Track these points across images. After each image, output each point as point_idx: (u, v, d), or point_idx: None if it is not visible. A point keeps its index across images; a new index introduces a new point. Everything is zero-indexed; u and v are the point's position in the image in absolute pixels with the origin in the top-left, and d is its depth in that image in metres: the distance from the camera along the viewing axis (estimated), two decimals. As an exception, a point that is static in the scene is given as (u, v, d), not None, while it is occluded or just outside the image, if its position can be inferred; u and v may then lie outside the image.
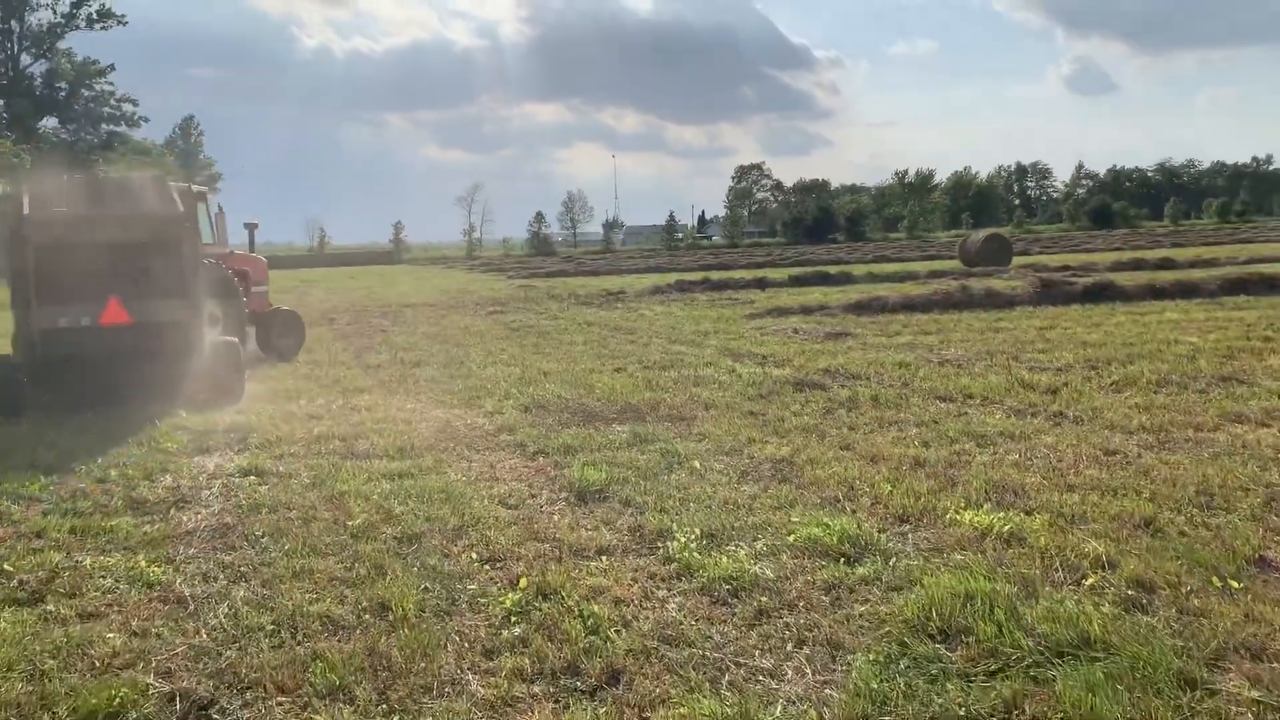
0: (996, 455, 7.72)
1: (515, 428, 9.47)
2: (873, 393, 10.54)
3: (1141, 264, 33.71)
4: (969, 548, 5.43)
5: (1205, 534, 5.48)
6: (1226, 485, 6.39)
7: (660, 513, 6.35)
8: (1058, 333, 15.80)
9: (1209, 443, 7.78)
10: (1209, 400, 9.53)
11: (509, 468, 7.95)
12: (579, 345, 16.70)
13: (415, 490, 7.14)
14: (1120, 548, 5.27)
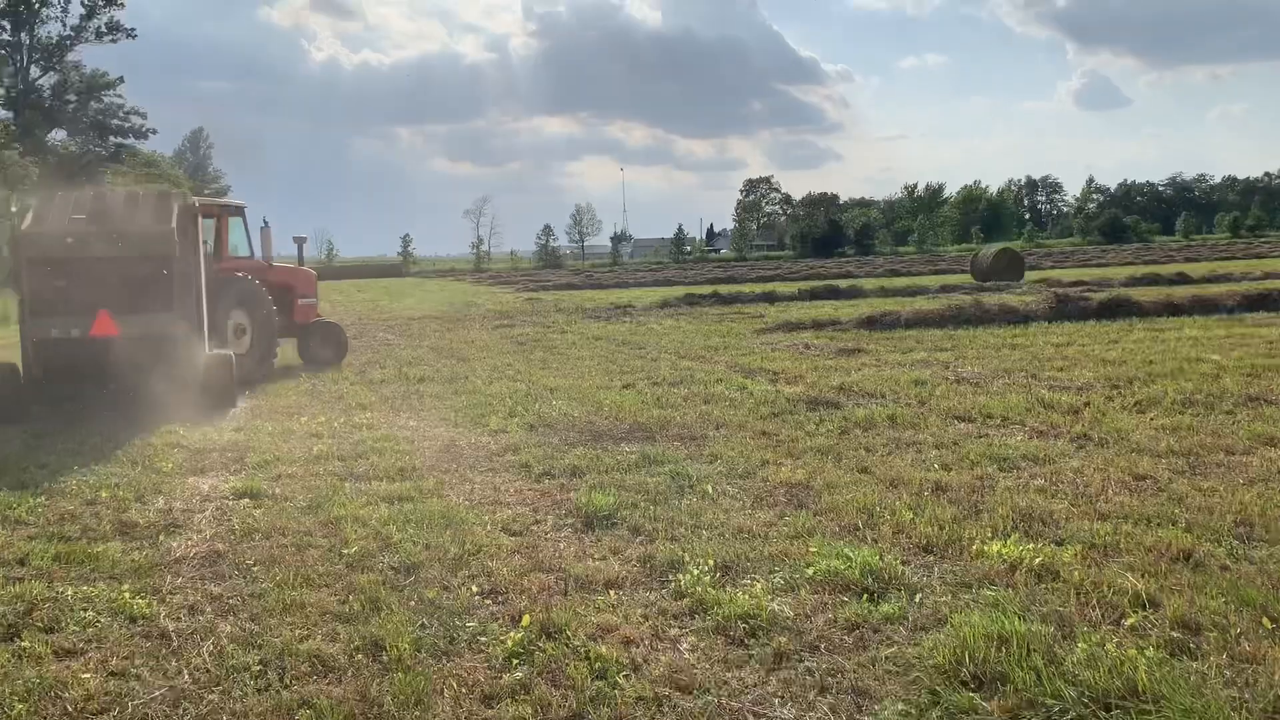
0: (1021, 480, 7.41)
1: (520, 447, 9.18)
2: (889, 412, 10.23)
3: (1156, 279, 33.32)
4: (999, 582, 5.12)
5: (1248, 568, 5.16)
6: (1266, 515, 6.06)
7: (671, 541, 6.05)
8: (1075, 349, 15.46)
9: (1242, 467, 7.45)
10: (1237, 422, 9.20)
11: (513, 490, 7.66)
12: (586, 360, 16.43)
13: (415, 515, 6.85)
14: (1159, 583, 4.95)
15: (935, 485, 7.27)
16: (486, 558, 5.89)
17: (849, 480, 7.53)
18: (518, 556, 5.94)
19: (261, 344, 15.44)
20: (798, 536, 6.10)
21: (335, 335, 17.60)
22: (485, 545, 6.13)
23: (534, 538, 6.37)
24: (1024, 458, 8.12)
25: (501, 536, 6.36)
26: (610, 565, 5.69)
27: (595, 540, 6.24)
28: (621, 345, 18.86)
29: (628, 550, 5.96)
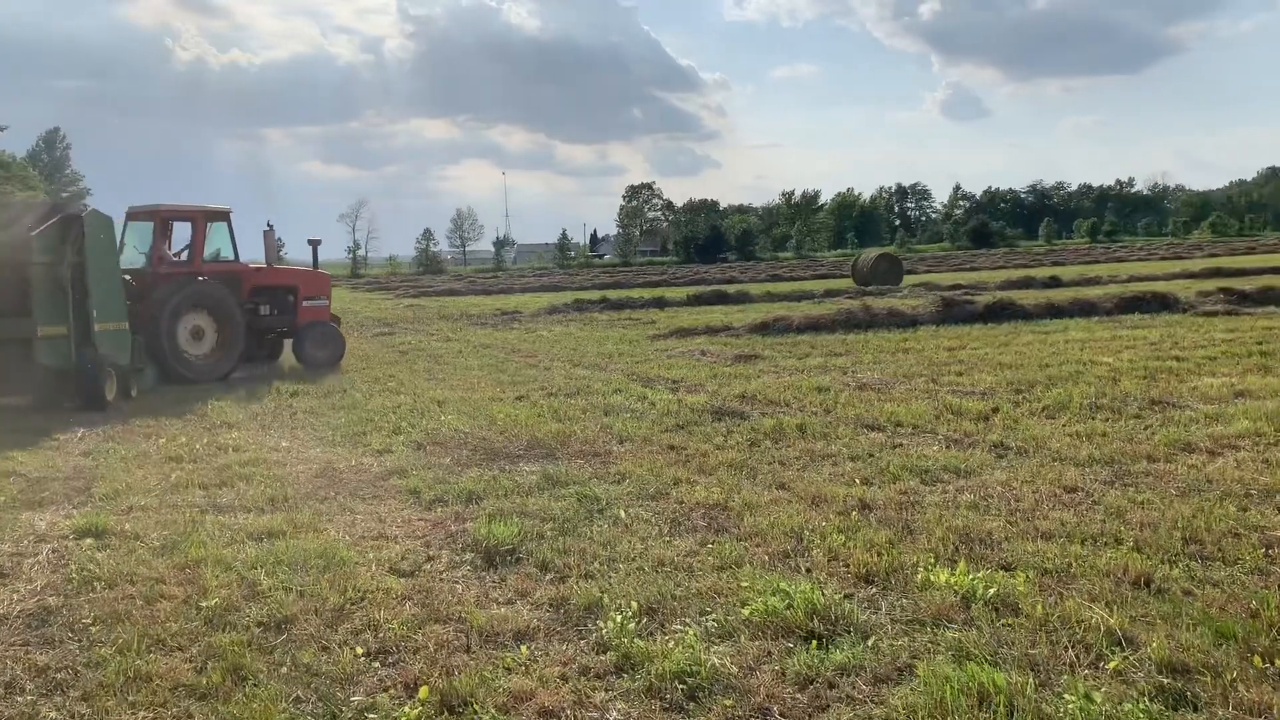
0: (948, 495, 6.99)
1: (407, 470, 8.35)
2: (797, 422, 9.77)
3: (1030, 282, 34.19)
4: (955, 619, 4.60)
5: (1214, 593, 4.79)
6: (1212, 530, 5.75)
7: (586, 579, 5.36)
8: (968, 353, 15.40)
9: (1168, 476, 7.20)
10: (1148, 427, 9.04)
11: (401, 522, 6.85)
12: (475, 370, 15.59)
13: (287, 555, 5.98)
14: (1128, 615, 4.52)
15: (860, 502, 6.79)
16: (373, 606, 5.10)
17: (769, 499, 6.99)
18: (409, 604, 5.16)
19: (226, 346, 15.75)
20: (725, 568, 5.49)
21: (331, 337, 17.49)
22: (371, 590, 5.33)
23: (427, 579, 5.60)
24: (945, 469, 7.73)
25: (389, 579, 5.56)
26: (518, 612, 4.97)
27: (498, 580, 5.51)
28: (511, 353, 18.07)
29: (537, 591, 5.25)
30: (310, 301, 17.61)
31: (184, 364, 15.30)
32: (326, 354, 17.21)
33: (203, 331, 15.64)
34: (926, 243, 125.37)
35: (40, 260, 12.61)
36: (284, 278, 17.71)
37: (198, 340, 15.60)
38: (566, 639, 4.64)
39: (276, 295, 17.38)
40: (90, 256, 13.14)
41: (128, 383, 13.68)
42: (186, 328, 15.47)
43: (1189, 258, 53.37)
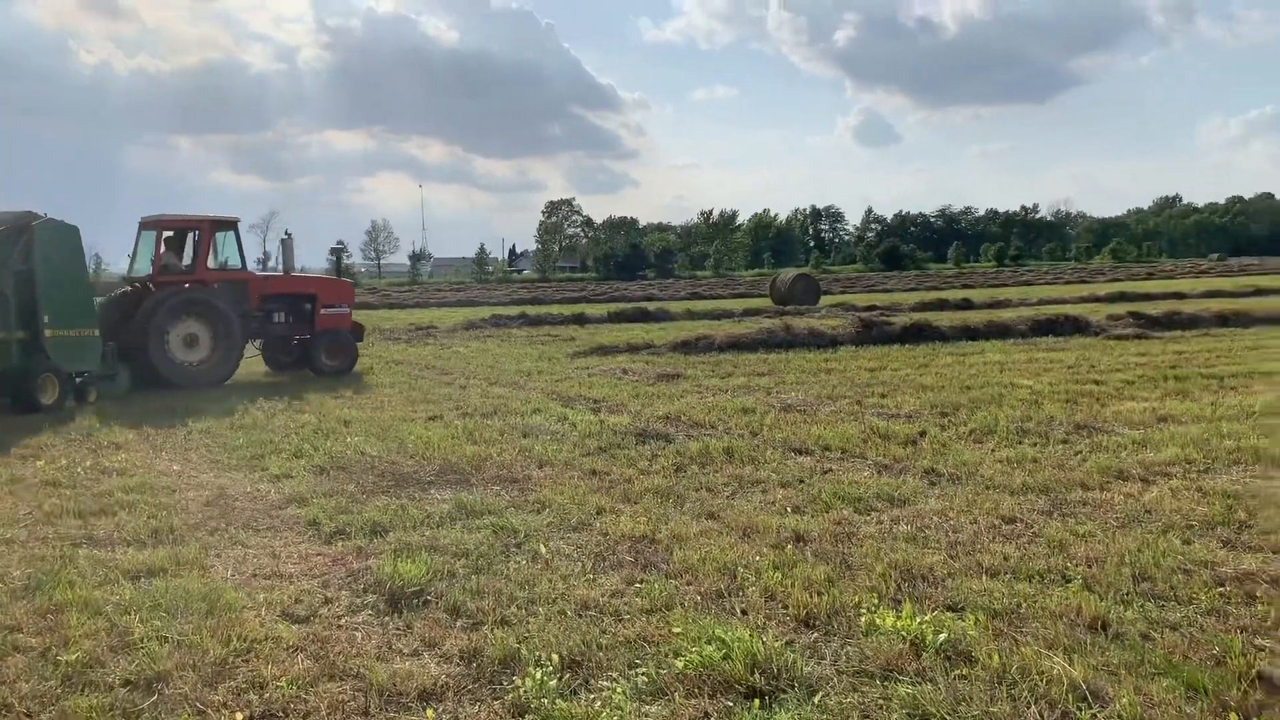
0: (883, 526, 6.67)
1: (307, 498, 7.73)
2: (724, 445, 9.40)
3: (944, 304, 34.66)
4: (907, 669, 4.23)
5: (1173, 638, 4.51)
6: (1161, 566, 5.51)
7: (502, 626, 4.86)
8: (890, 374, 15.29)
9: (1106, 506, 6.99)
10: (1078, 452, 8.89)
11: (297, 557, 6.25)
12: (386, 388, 14.91)
13: (167, 597, 5.35)
14: (1089, 663, 4.20)
15: (794, 534, 6.42)
16: (260, 660, 4.52)
17: (698, 530, 6.57)
18: (301, 656, 4.59)
19: (220, 351, 15.91)
20: (655, 610, 5.05)
21: (344, 345, 17.58)
22: (259, 640, 4.75)
23: (324, 625, 5.03)
24: (878, 497, 7.43)
25: (281, 626, 4.98)
26: (425, 666, 4.45)
27: (404, 627, 4.97)
28: (425, 370, 17.40)
29: (446, 641, 4.73)
30: (329, 309, 17.71)
31: (176, 371, 15.51)
32: (339, 363, 17.36)
33: (197, 339, 15.80)
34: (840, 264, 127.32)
35: None
36: (301, 285, 17.92)
37: (191, 347, 15.79)
38: (479, 699, 4.14)
39: (293, 303, 17.55)
40: (41, 265, 13.41)
41: (84, 388, 13.99)
42: (179, 335, 15.68)
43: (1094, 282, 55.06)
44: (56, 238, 13.87)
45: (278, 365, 18.13)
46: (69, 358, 13.77)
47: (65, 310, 13.73)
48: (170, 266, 16.44)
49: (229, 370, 16.26)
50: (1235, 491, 7.15)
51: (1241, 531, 6.20)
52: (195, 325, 15.83)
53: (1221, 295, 35.96)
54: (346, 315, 18.11)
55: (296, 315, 17.59)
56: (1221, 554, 5.74)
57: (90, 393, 14.08)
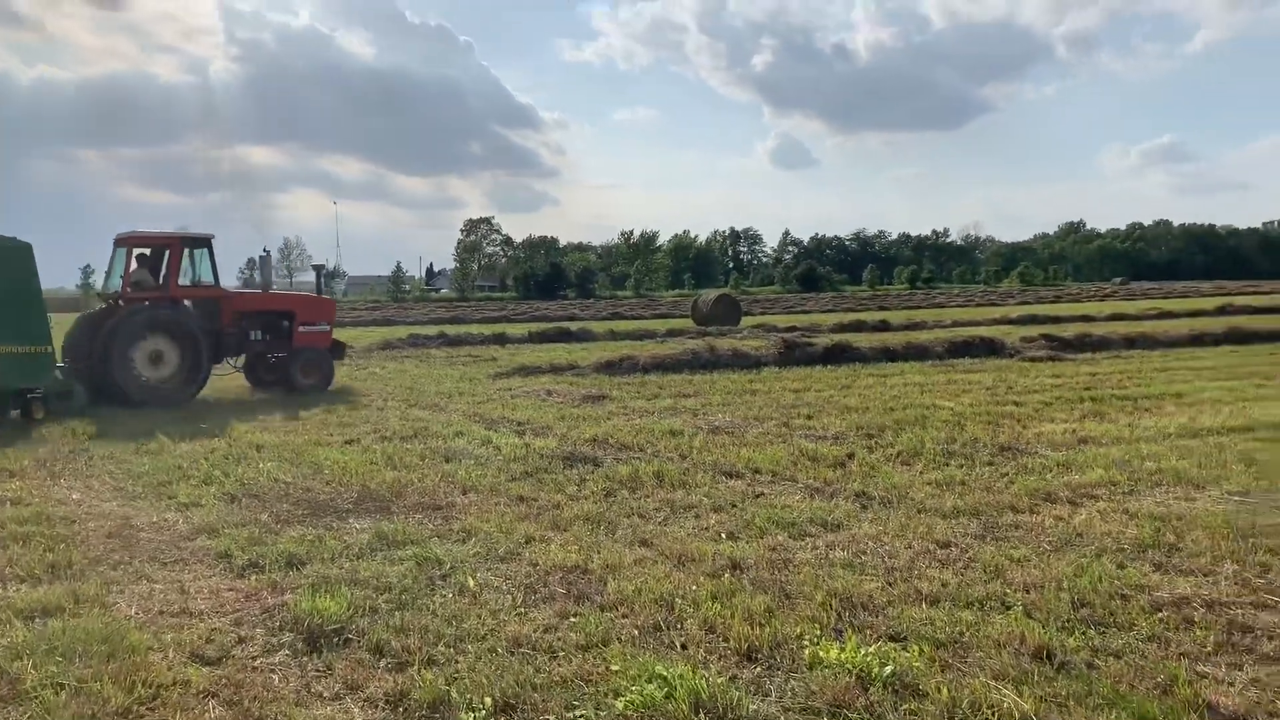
0: (819, 551, 6.56)
1: (218, 528, 7.32)
2: (654, 468, 9.24)
3: (861, 325, 35.09)
4: (855, 705, 4.10)
5: (1118, 666, 4.47)
6: (1098, 591, 5.50)
7: (430, 666, 4.60)
8: (814, 395, 15.33)
9: (1038, 530, 7.01)
10: (1005, 474, 8.95)
11: (208, 593, 5.88)
12: (299, 410, 14.40)
13: (64, 639, 4.95)
14: (1036, 694, 4.12)
15: (730, 562, 6.27)
16: (168, 708, 4.19)
17: (632, 559, 6.38)
18: (214, 702, 4.27)
19: (186, 369, 15.69)
20: (591, 646, 4.84)
21: (319, 362, 17.36)
22: (166, 685, 4.41)
23: (237, 667, 4.70)
24: (812, 522, 7.34)
25: (190, 669, 4.63)
26: (348, 711, 4.17)
27: (324, 668, 4.67)
28: (341, 392, 16.89)
29: (370, 684, 4.44)
30: (308, 327, 17.53)
31: (139, 388, 15.22)
32: (314, 380, 17.12)
33: (162, 355, 15.57)
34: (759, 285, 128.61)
35: None
36: (278, 303, 17.72)
37: (156, 365, 15.54)
38: (407, 747, 3.88)
39: (269, 320, 17.35)
40: None
41: (31, 405, 13.81)
42: (144, 352, 15.43)
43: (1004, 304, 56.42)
44: (2, 255, 13.83)
45: (259, 383, 17.86)
46: (16, 374, 13.70)
47: (12, 326, 13.69)
48: (143, 283, 16.22)
49: (196, 388, 16.02)
50: (1161, 514, 7.23)
51: (1171, 554, 6.24)
52: (161, 342, 15.58)
53: (1125, 318, 37.17)
54: (326, 333, 17.95)
55: (274, 332, 17.40)
56: (1155, 578, 5.76)
57: (37, 409, 13.85)
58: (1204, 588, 5.54)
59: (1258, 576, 5.78)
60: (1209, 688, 4.20)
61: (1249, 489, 8.03)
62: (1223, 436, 10.59)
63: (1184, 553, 6.26)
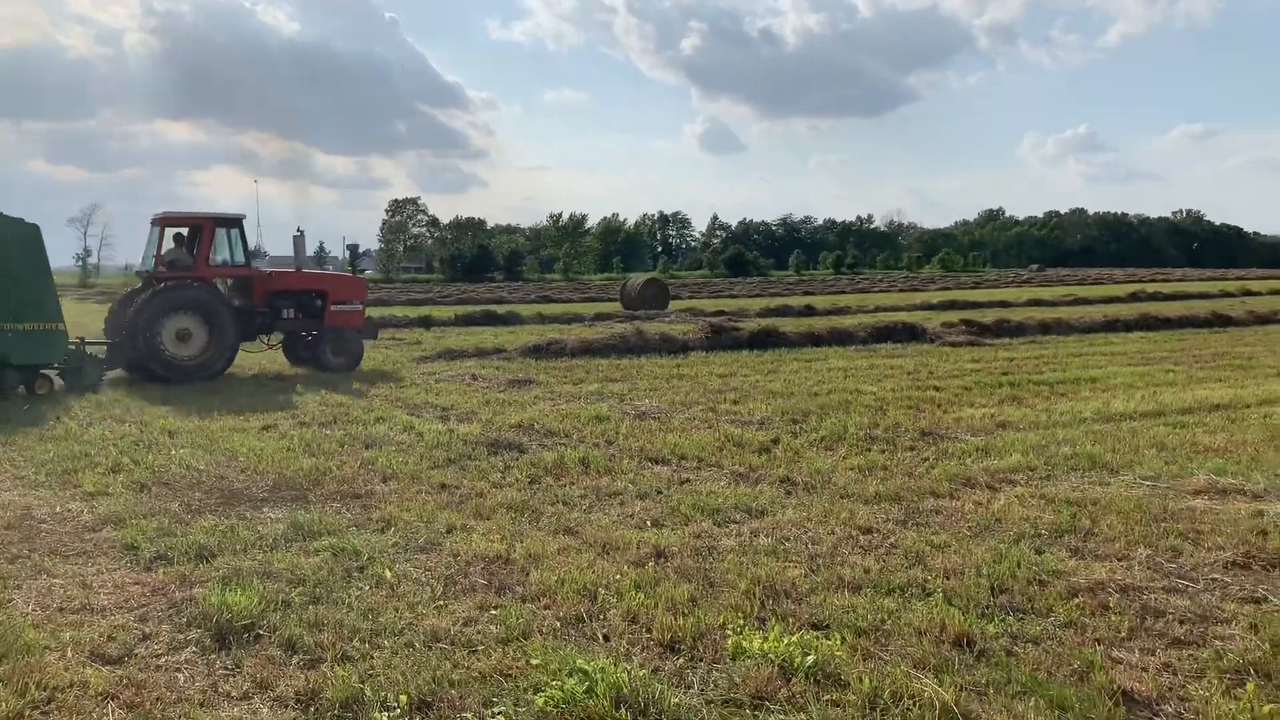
0: (744, 539, 6.55)
1: (125, 518, 7.05)
2: (579, 455, 9.15)
3: (787, 310, 35.39)
4: (778, 698, 4.07)
5: (1036, 654, 4.52)
6: (1016, 577, 5.57)
7: (344, 663, 4.46)
8: (740, 380, 15.38)
9: (958, 515, 7.09)
10: (925, 459, 9.06)
11: (111, 587, 5.64)
12: (213, 394, 13.99)
13: (-48, 640, 4.70)
14: (956, 682, 4.15)
15: (655, 550, 6.22)
16: (63, 711, 3.99)
17: (555, 548, 6.30)
18: (113, 705, 4.08)
19: (214, 347, 15.96)
20: (511, 639, 4.74)
21: (349, 342, 17.53)
22: (62, 687, 4.20)
23: (140, 666, 4.51)
24: (737, 508, 7.33)
25: (89, 669, 4.42)
26: (256, 711, 4.02)
27: (232, 666, 4.50)
28: (259, 375, 16.45)
29: (280, 682, 4.29)
30: (340, 306, 17.72)
31: (167, 365, 15.59)
32: (343, 360, 17.28)
33: (190, 333, 15.89)
34: (687, 269, 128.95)
35: None
36: (311, 282, 17.86)
37: (184, 342, 15.86)
38: (318, 748, 3.75)
39: (302, 299, 17.50)
40: None
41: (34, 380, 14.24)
42: (172, 330, 15.76)
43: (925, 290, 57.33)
44: (9, 236, 14.24)
45: (297, 359, 18.22)
46: (20, 351, 14.12)
47: (25, 304, 14.18)
48: (179, 262, 16.57)
49: (223, 365, 16.27)
50: (1077, 499, 7.37)
51: (1087, 539, 6.36)
52: (187, 320, 15.89)
53: (1042, 304, 38.09)
54: (359, 312, 18.19)
55: (306, 311, 17.55)
56: (1071, 563, 5.86)
57: (41, 384, 14.32)
58: (1118, 573, 5.65)
59: (1169, 561, 5.92)
60: (1123, 673, 4.27)
61: (1160, 473, 8.25)
62: (1135, 421, 10.88)
63: (1099, 538, 6.39)
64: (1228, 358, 18.25)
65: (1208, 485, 7.66)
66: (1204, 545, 6.19)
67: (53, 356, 14.54)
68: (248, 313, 16.84)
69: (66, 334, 14.72)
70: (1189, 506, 7.10)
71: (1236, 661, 4.41)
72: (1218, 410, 11.63)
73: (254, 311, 16.98)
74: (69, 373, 14.84)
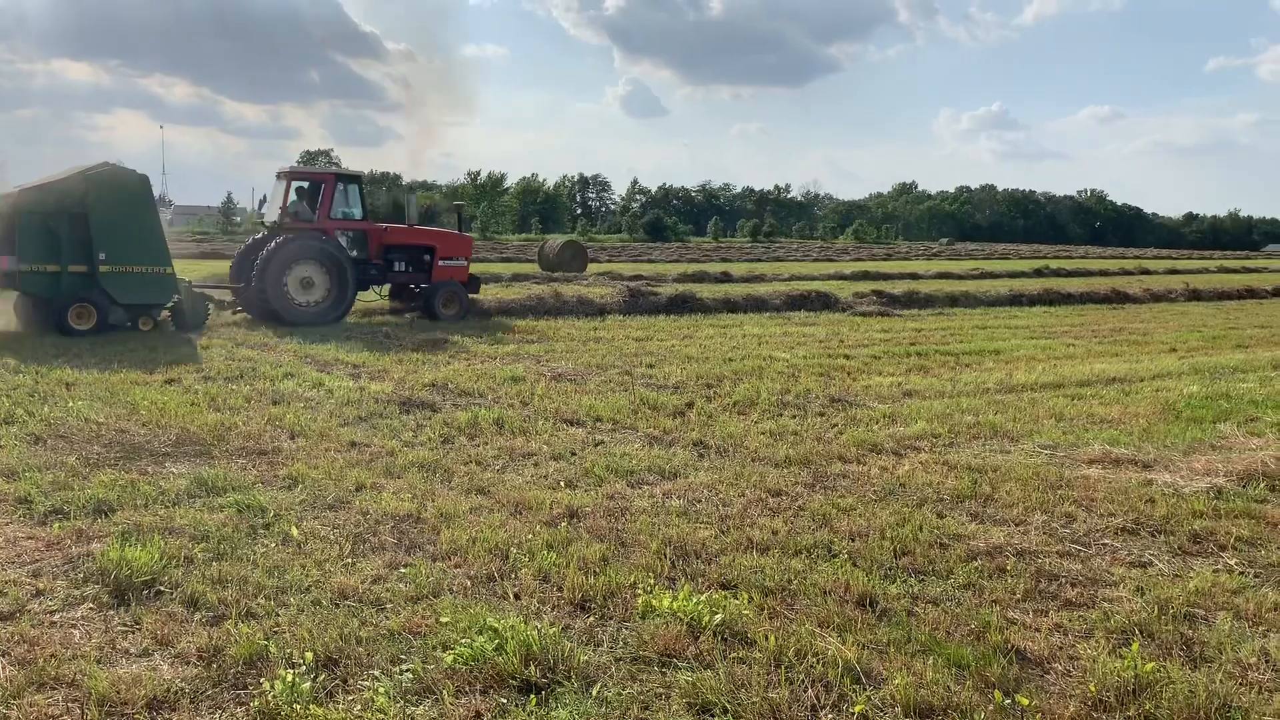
0: (656, 500, 6.61)
1: (18, 471, 6.79)
2: (494, 415, 9.10)
3: (704, 276, 35.56)
4: (685, 655, 4.13)
5: (936, 613, 4.67)
6: (919, 540, 5.73)
7: (248, 620, 4.38)
8: (655, 344, 15.45)
9: (865, 479, 7.26)
10: (835, 425, 9.25)
11: (3, 542, 5.43)
12: (115, 346, 13.51)
13: None
14: (860, 642, 4.26)
15: (568, 510, 6.24)
16: (-53, 669, 3.84)
17: (467, 507, 6.27)
18: (4, 662, 3.94)
19: (334, 295, 17.34)
20: (421, 598, 4.71)
21: (456, 295, 18.91)
22: (-53, 645, 4.04)
23: (33, 623, 4.36)
24: (650, 470, 7.39)
25: (-23, 626, 4.27)
26: (156, 669, 3.92)
27: (131, 622, 4.39)
28: (162, 331, 15.93)
29: (182, 639, 4.20)
30: (447, 261, 19.14)
31: (292, 310, 16.84)
32: (453, 312, 18.60)
33: (313, 282, 17.14)
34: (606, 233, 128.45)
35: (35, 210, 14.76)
36: (421, 238, 19.18)
37: (307, 289, 17.12)
38: (219, 705, 3.68)
39: (413, 254, 18.88)
40: (97, 207, 14.99)
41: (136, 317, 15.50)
42: (296, 277, 16.99)
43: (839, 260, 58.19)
44: (117, 183, 15.41)
45: (401, 309, 19.33)
46: (129, 291, 15.30)
47: (126, 248, 15.23)
48: (301, 214, 17.74)
49: (341, 312, 17.47)
50: (979, 465, 7.61)
51: (987, 505, 6.57)
52: (310, 269, 17.14)
53: (950, 277, 39.02)
54: (464, 268, 19.61)
55: (416, 265, 18.88)
56: (971, 527, 6.05)
57: (145, 322, 15.53)
58: (1015, 537, 5.86)
59: (1064, 526, 6.16)
60: (1018, 634, 4.44)
61: (1058, 442, 8.55)
62: (1036, 392, 11.25)
63: (998, 503, 6.61)
64: (1125, 333, 18.98)
65: (1102, 455, 7.97)
66: (1096, 512, 6.45)
67: (162, 298, 15.71)
68: (363, 264, 18.09)
69: (175, 276, 15.83)
70: (1084, 475, 7.38)
71: (1123, 622, 4.62)
72: (1113, 383, 12.09)
73: (369, 263, 18.22)
74: (177, 313, 16.03)
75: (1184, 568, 5.48)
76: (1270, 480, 7.12)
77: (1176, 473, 7.45)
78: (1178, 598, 4.91)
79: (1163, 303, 27.88)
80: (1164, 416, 9.82)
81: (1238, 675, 4.09)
